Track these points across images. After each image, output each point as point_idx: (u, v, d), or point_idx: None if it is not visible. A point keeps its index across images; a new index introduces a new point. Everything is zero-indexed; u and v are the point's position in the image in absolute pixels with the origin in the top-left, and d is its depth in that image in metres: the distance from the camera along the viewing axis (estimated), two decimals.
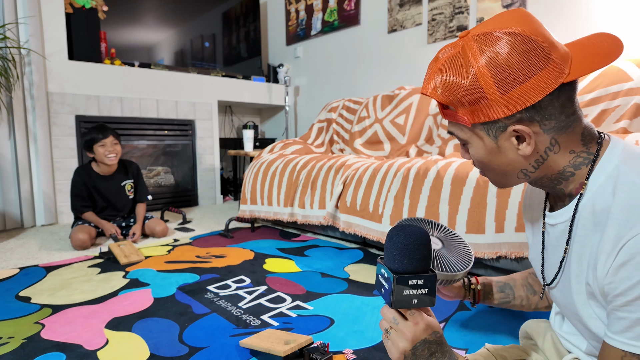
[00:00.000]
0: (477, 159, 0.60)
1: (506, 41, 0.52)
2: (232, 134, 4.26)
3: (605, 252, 0.50)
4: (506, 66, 0.51)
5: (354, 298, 1.49)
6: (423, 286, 0.55)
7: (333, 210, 2.06)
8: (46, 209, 2.82)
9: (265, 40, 4.32)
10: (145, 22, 3.34)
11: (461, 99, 0.55)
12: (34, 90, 2.69)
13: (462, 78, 0.54)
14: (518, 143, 0.55)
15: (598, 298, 0.54)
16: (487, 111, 0.54)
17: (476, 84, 0.53)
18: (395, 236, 0.55)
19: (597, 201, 0.53)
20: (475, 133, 0.58)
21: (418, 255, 0.54)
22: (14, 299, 1.54)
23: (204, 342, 1.18)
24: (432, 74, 0.58)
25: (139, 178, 2.62)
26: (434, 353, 0.57)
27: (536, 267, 0.71)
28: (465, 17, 2.62)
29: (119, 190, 2.52)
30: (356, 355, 1.09)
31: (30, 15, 2.66)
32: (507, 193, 1.43)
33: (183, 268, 1.86)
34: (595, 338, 0.59)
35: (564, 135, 0.55)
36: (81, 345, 1.17)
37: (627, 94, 1.68)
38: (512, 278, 0.84)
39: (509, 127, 0.54)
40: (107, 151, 2.37)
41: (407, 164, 1.83)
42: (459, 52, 0.55)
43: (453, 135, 0.61)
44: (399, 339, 0.57)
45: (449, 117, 0.59)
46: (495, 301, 0.82)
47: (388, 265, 0.56)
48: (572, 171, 0.57)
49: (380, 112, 2.83)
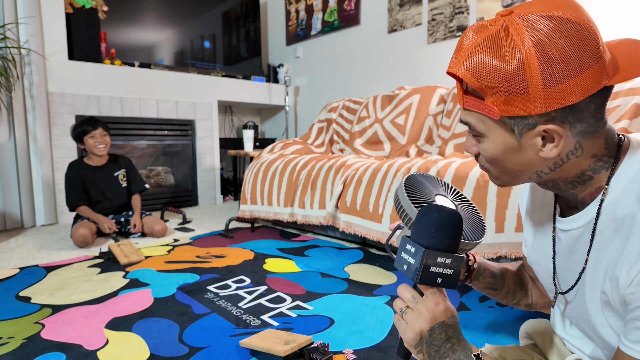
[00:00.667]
0: (490, 155, 0.55)
1: (561, 28, 0.46)
2: (232, 134, 4.26)
3: (629, 262, 0.48)
4: (558, 57, 0.45)
5: (354, 298, 1.49)
6: (450, 266, 0.54)
7: (333, 210, 2.06)
8: (46, 209, 2.82)
9: (265, 40, 4.32)
10: (145, 22, 3.34)
11: (497, 86, 0.48)
12: (34, 90, 2.69)
13: (505, 62, 0.47)
14: (543, 144, 0.51)
15: (615, 307, 0.52)
16: (522, 104, 0.48)
17: (520, 71, 0.47)
18: (430, 212, 0.54)
19: (618, 207, 0.51)
20: (498, 127, 0.52)
21: (451, 233, 0.53)
22: (14, 299, 1.54)
23: (204, 342, 1.18)
24: (464, 52, 0.51)
25: (132, 169, 2.68)
26: (450, 338, 0.55)
27: (541, 273, 0.69)
28: (465, 17, 2.62)
29: (112, 180, 2.57)
30: (356, 356, 1.09)
31: (30, 15, 2.66)
32: (507, 193, 1.43)
33: (183, 268, 1.86)
34: (606, 346, 0.58)
35: (589, 140, 0.51)
36: (81, 345, 1.17)
37: (627, 94, 1.68)
38: (506, 268, 0.81)
39: (538, 125, 0.50)
40: (97, 142, 2.44)
41: (407, 164, 1.83)
42: (499, 30, 0.48)
43: (466, 125, 0.56)
44: (417, 318, 0.54)
45: (472, 106, 0.53)
46: (483, 284, 0.77)
47: (417, 241, 0.54)
48: (590, 175, 0.53)
49: (380, 112, 2.83)
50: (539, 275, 0.71)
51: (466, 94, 0.54)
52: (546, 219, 0.66)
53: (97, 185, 2.52)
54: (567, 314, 0.65)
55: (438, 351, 0.54)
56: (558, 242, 0.62)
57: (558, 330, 0.71)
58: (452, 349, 0.55)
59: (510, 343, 1.12)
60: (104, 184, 2.54)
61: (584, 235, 0.56)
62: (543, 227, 0.67)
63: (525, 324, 0.84)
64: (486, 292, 0.79)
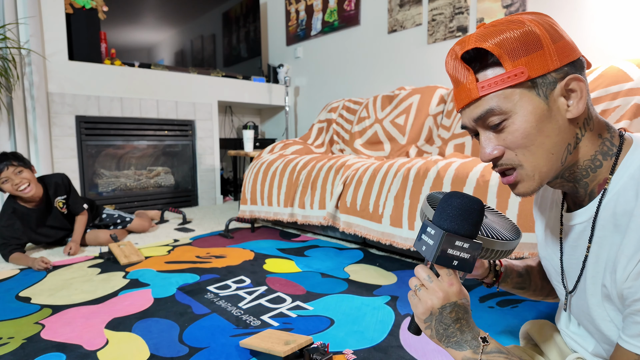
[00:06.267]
0: (523, 132, 0.54)
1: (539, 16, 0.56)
2: (232, 134, 4.26)
3: (626, 256, 0.49)
4: (549, 25, 0.54)
5: (354, 298, 1.49)
6: (467, 251, 0.55)
7: (333, 211, 2.06)
8: None
9: (265, 40, 4.32)
10: (145, 23, 3.34)
11: (515, 47, 0.52)
12: (34, 91, 2.69)
13: (516, 28, 0.53)
14: (567, 103, 0.53)
15: (614, 301, 0.53)
16: (541, 61, 0.52)
17: (531, 29, 0.52)
18: (453, 197, 0.56)
19: (618, 202, 0.53)
20: (524, 95, 0.53)
21: (471, 219, 0.55)
22: (14, 299, 1.54)
23: (204, 343, 1.18)
24: (476, 33, 0.55)
25: (68, 191, 2.30)
26: (459, 319, 0.56)
27: (549, 269, 0.70)
28: (465, 17, 2.62)
29: (52, 214, 2.25)
30: (356, 356, 1.09)
31: (31, 15, 2.66)
32: (507, 193, 1.43)
33: (183, 268, 1.86)
34: (606, 340, 0.58)
35: (592, 112, 0.56)
36: (81, 346, 1.17)
37: (627, 94, 1.68)
38: (529, 265, 0.82)
39: (558, 83, 0.53)
40: (15, 185, 2.03)
41: (407, 164, 1.83)
42: (503, 19, 0.55)
43: (487, 117, 0.55)
44: (430, 296, 0.56)
45: (493, 85, 0.54)
46: (511, 285, 0.78)
47: (438, 224, 0.56)
48: (600, 160, 0.55)
49: (380, 112, 2.83)
50: (547, 271, 0.72)
51: (479, 81, 0.55)
52: (555, 215, 0.67)
53: (39, 226, 2.20)
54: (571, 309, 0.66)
55: (446, 330, 0.56)
56: (565, 240, 0.64)
57: (562, 327, 0.72)
58: (461, 329, 0.56)
59: (511, 343, 1.12)
60: (48, 222, 2.23)
61: (587, 230, 0.58)
62: (551, 222, 0.68)
63: (525, 325, 0.84)
64: (515, 292, 0.80)
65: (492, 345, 0.56)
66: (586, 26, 2.14)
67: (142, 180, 3.38)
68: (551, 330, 0.78)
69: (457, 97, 0.58)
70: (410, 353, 1.10)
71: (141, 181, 3.37)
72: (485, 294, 1.50)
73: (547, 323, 0.81)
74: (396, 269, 1.82)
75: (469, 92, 0.55)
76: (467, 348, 0.56)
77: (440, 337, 0.57)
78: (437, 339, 0.57)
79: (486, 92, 0.54)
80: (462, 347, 0.56)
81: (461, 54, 0.55)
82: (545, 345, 0.76)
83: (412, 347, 1.13)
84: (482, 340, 0.56)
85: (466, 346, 0.56)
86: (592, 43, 2.12)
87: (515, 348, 0.80)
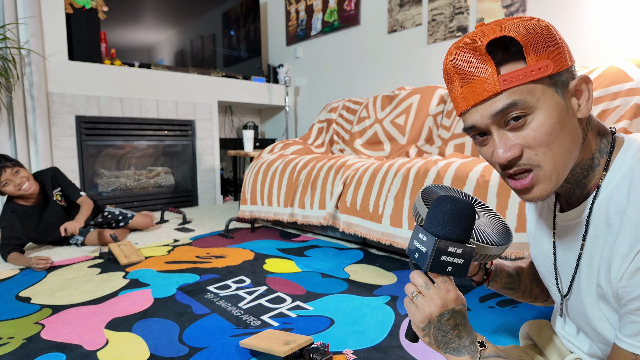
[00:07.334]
0: (547, 127, 0.51)
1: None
2: (232, 134, 4.26)
3: (620, 255, 0.50)
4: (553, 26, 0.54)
5: (354, 298, 1.49)
6: (460, 256, 0.54)
7: (333, 211, 2.06)
8: None
9: (265, 40, 4.32)
10: (145, 23, 3.34)
11: (539, 39, 0.50)
12: (34, 91, 2.69)
13: (534, 22, 0.52)
14: (578, 101, 0.53)
15: (610, 301, 0.53)
16: (559, 58, 0.51)
17: (547, 26, 0.52)
18: (444, 202, 0.55)
19: (611, 202, 0.53)
20: (547, 90, 0.51)
21: (463, 224, 0.54)
22: (14, 299, 1.54)
23: (204, 343, 1.18)
24: (492, 24, 0.52)
25: (62, 181, 2.32)
26: (458, 325, 0.56)
27: (541, 269, 0.70)
28: (465, 17, 2.62)
29: (52, 208, 2.27)
30: (356, 356, 1.09)
31: (30, 15, 2.66)
32: (507, 193, 1.43)
33: (183, 268, 1.86)
34: (602, 340, 0.58)
35: (591, 113, 0.56)
36: (81, 346, 1.17)
37: (627, 94, 1.68)
38: (520, 266, 0.82)
39: (569, 82, 0.53)
40: (16, 185, 2.08)
41: (407, 164, 1.83)
42: (511, 17, 0.56)
43: (510, 111, 0.51)
44: (428, 303, 0.56)
45: (515, 79, 0.50)
46: (500, 285, 0.78)
47: (429, 230, 0.55)
48: (598, 159, 0.56)
49: (380, 112, 2.83)
50: (540, 272, 0.72)
51: (501, 74, 0.50)
52: (547, 215, 0.67)
53: (40, 222, 2.23)
54: (565, 310, 0.66)
55: (445, 336, 0.56)
56: (558, 239, 0.64)
57: (558, 328, 0.72)
58: (459, 335, 0.56)
59: (510, 343, 1.12)
60: (48, 218, 2.25)
61: (580, 230, 0.58)
62: (544, 223, 0.68)
63: (525, 325, 0.84)
64: (504, 292, 0.80)
65: (490, 349, 0.56)
66: (586, 26, 2.14)
67: (142, 181, 3.38)
68: (550, 330, 0.78)
69: (467, 94, 0.53)
70: (410, 353, 1.10)
71: (141, 181, 3.37)
72: (485, 294, 1.50)
73: (546, 323, 0.81)
74: (396, 269, 1.82)
75: (488, 86, 0.51)
76: (465, 353, 0.56)
77: (439, 344, 0.57)
78: (436, 346, 0.57)
79: (508, 86, 0.50)
80: (460, 353, 0.56)
81: (485, 43, 0.50)
82: (545, 345, 0.77)
83: (412, 347, 1.13)
84: (479, 344, 0.56)
85: (464, 351, 0.56)
86: (592, 43, 2.12)
87: (515, 348, 0.80)
